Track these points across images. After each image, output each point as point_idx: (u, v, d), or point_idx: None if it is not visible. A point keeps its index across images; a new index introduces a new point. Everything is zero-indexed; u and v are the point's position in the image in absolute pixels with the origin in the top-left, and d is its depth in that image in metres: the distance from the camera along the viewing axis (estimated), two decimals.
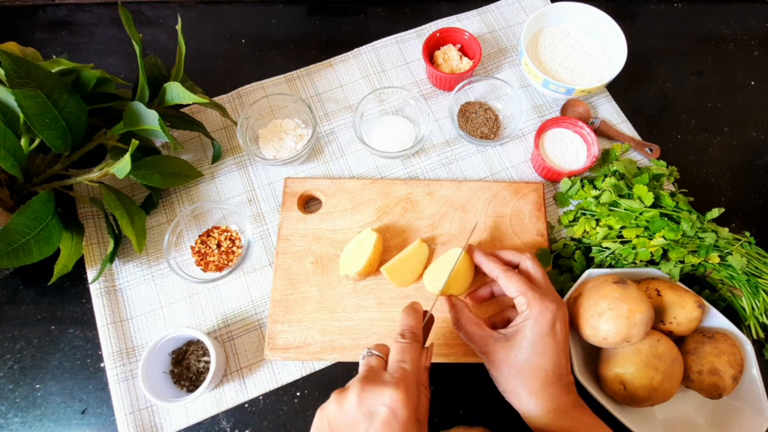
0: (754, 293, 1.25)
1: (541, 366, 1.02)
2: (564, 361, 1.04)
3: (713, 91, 1.66)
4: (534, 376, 1.02)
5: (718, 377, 1.14)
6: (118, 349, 1.29)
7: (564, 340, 1.05)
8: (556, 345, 1.03)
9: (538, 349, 1.03)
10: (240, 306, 1.35)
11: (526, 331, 1.05)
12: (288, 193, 1.42)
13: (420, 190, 1.43)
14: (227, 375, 1.28)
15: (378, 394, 0.85)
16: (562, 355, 1.04)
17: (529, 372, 1.03)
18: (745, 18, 1.78)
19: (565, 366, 1.05)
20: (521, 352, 1.04)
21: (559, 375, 1.03)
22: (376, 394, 0.86)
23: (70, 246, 1.26)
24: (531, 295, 1.06)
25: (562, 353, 1.04)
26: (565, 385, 1.03)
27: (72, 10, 1.73)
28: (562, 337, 1.04)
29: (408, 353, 0.94)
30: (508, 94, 1.55)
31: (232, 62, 1.67)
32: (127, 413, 1.24)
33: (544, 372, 1.02)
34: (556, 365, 1.03)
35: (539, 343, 1.03)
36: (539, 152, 1.42)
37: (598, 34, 1.61)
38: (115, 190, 1.29)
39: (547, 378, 1.02)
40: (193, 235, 1.40)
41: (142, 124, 1.23)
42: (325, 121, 1.56)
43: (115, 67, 1.65)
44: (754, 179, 1.54)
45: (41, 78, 1.11)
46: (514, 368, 1.05)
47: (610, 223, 1.30)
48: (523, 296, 1.07)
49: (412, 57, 1.66)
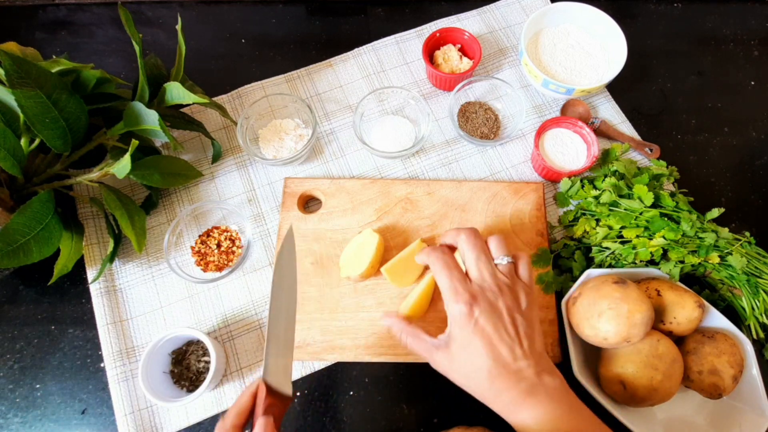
0: (754, 293, 1.25)
1: (480, 365, 0.97)
2: (505, 350, 0.97)
3: (713, 91, 1.66)
4: (478, 376, 0.98)
5: (718, 377, 1.14)
6: (118, 349, 1.29)
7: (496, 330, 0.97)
8: (486, 338, 0.97)
9: (470, 350, 0.98)
10: (240, 306, 1.35)
11: (455, 334, 1.00)
12: (288, 193, 1.43)
13: (420, 190, 1.44)
14: (227, 375, 1.29)
15: None
16: (500, 344, 0.97)
17: (473, 374, 0.99)
18: (745, 18, 1.79)
19: (509, 354, 0.97)
20: (459, 356, 1.00)
21: (502, 366, 0.96)
22: None
23: (70, 246, 1.26)
24: (448, 293, 1.02)
25: (501, 342, 0.97)
26: (512, 374, 0.96)
27: (72, 10, 1.73)
28: (491, 328, 0.97)
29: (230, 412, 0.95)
30: (508, 94, 1.55)
31: (232, 62, 1.67)
32: (127, 413, 1.24)
33: (485, 369, 0.96)
34: (495, 359, 0.96)
35: (469, 343, 0.98)
36: (539, 152, 1.42)
37: (598, 34, 1.61)
38: (115, 190, 1.29)
39: (490, 374, 0.96)
40: (193, 235, 1.40)
41: (142, 124, 1.23)
42: (325, 121, 1.57)
43: (115, 67, 1.65)
44: (754, 179, 1.54)
45: (41, 78, 1.11)
46: (460, 374, 1.01)
47: (610, 223, 1.30)
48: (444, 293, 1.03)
49: (412, 57, 1.67)
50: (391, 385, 1.30)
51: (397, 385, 1.30)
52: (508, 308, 1.01)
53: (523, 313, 1.03)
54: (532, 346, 1.01)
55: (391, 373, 1.30)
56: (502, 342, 0.97)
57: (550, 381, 0.98)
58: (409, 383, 1.30)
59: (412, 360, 1.27)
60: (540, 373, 0.98)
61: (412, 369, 1.30)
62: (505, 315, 1.00)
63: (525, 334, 1.01)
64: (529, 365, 0.98)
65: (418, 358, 1.27)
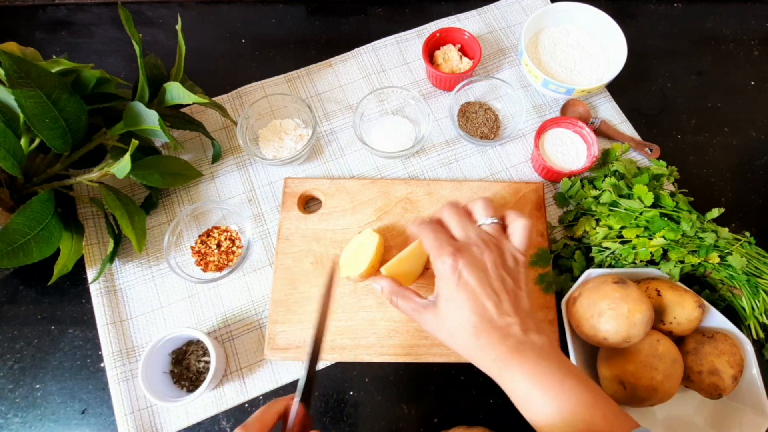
0: (754, 293, 1.25)
1: (465, 320, 0.96)
2: (490, 304, 0.96)
3: (713, 91, 1.66)
4: (464, 332, 0.97)
5: (718, 377, 1.15)
6: (118, 349, 1.29)
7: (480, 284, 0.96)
8: (471, 293, 0.96)
9: (456, 305, 0.97)
10: (240, 306, 1.35)
11: (441, 290, 1.00)
12: (288, 193, 1.43)
13: (420, 190, 1.44)
14: (227, 375, 1.29)
15: None
16: (485, 299, 0.96)
17: (459, 329, 0.98)
18: (745, 18, 1.79)
19: (494, 308, 0.96)
20: (445, 312, 0.99)
21: (488, 321, 0.95)
22: None
23: (70, 246, 1.26)
24: (433, 251, 1.02)
25: (486, 297, 0.96)
26: (498, 329, 0.95)
27: (72, 10, 1.73)
28: (476, 282, 0.96)
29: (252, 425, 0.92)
30: (508, 94, 1.55)
31: (232, 62, 1.67)
32: (127, 413, 1.24)
33: (471, 324, 0.95)
34: (481, 314, 0.95)
35: (454, 298, 0.97)
36: (539, 152, 1.42)
37: (598, 34, 1.61)
38: (115, 190, 1.29)
39: (476, 329, 0.95)
40: (193, 235, 1.40)
41: (142, 124, 1.23)
42: (325, 121, 1.57)
43: (115, 67, 1.65)
44: (754, 179, 1.54)
45: (41, 78, 1.11)
46: (447, 331, 1.00)
47: (610, 223, 1.30)
48: (430, 252, 1.03)
49: (412, 57, 1.67)
50: (391, 385, 1.30)
51: (397, 385, 1.30)
52: (494, 263, 1.00)
53: (510, 270, 1.02)
54: (518, 303, 1.00)
55: (391, 373, 1.30)
56: (486, 297, 0.97)
57: (537, 338, 0.97)
58: (409, 383, 1.30)
59: (412, 360, 1.28)
60: (527, 330, 0.97)
61: (412, 369, 1.30)
62: (490, 270, 0.99)
63: (511, 291, 1.00)
64: (515, 322, 0.97)
65: (417, 358, 1.28)
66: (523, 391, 0.93)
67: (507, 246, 1.05)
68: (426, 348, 1.29)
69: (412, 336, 1.29)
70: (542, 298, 1.34)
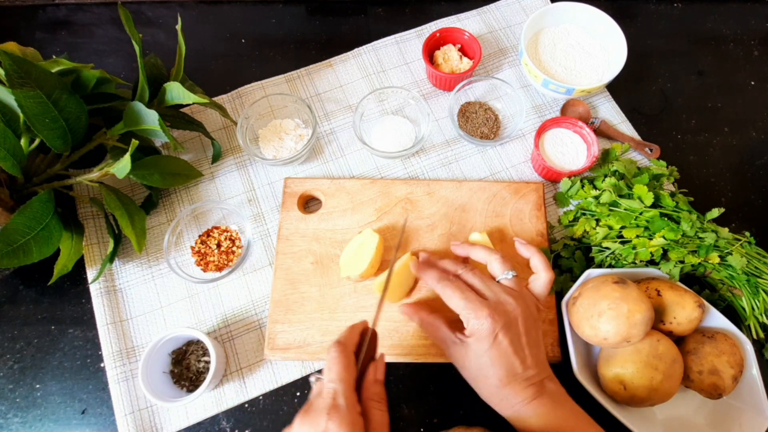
0: (754, 293, 1.25)
1: (492, 374, 1.03)
2: (518, 361, 1.03)
3: (713, 91, 1.66)
4: (488, 383, 1.05)
5: (718, 377, 1.15)
6: (118, 349, 1.29)
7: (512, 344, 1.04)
8: (503, 352, 1.03)
9: (485, 362, 1.04)
10: (240, 306, 1.35)
11: (472, 346, 1.06)
12: (288, 193, 1.43)
13: (420, 190, 1.44)
14: (227, 375, 1.29)
15: (313, 422, 0.90)
16: (513, 357, 1.03)
17: (483, 379, 1.05)
18: (745, 18, 1.79)
19: (520, 365, 1.03)
20: (472, 362, 1.06)
21: (513, 375, 1.03)
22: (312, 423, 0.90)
23: (70, 246, 1.27)
24: (466, 311, 1.07)
25: (514, 355, 1.03)
26: (521, 381, 1.03)
27: (72, 10, 1.74)
28: (508, 343, 1.03)
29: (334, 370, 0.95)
30: (508, 94, 1.55)
31: (232, 62, 1.68)
32: (127, 413, 1.24)
33: (497, 377, 1.03)
34: (508, 369, 1.03)
35: (485, 356, 1.04)
36: (539, 152, 1.43)
37: (598, 34, 1.61)
38: (115, 190, 1.29)
39: (501, 381, 1.03)
40: (193, 235, 1.41)
41: (142, 124, 1.23)
42: (325, 121, 1.57)
43: (115, 67, 1.65)
44: (755, 179, 1.54)
45: (41, 78, 1.11)
46: (470, 375, 1.08)
47: (610, 223, 1.30)
48: (461, 311, 1.08)
49: (412, 57, 1.67)
50: (390, 385, 1.30)
51: (397, 385, 1.30)
52: (524, 319, 1.07)
53: (534, 322, 1.10)
54: (539, 355, 1.08)
55: (390, 373, 1.30)
56: (516, 355, 1.04)
57: (552, 386, 1.05)
58: (408, 383, 1.30)
59: (411, 360, 1.28)
60: (544, 380, 1.05)
61: (411, 369, 1.30)
62: (521, 327, 1.06)
63: (534, 345, 1.07)
64: (536, 374, 1.04)
65: (417, 358, 1.28)
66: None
67: (529, 298, 1.13)
68: (425, 348, 1.28)
69: (411, 336, 1.29)
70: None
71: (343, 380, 0.95)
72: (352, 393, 0.95)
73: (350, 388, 0.95)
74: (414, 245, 1.39)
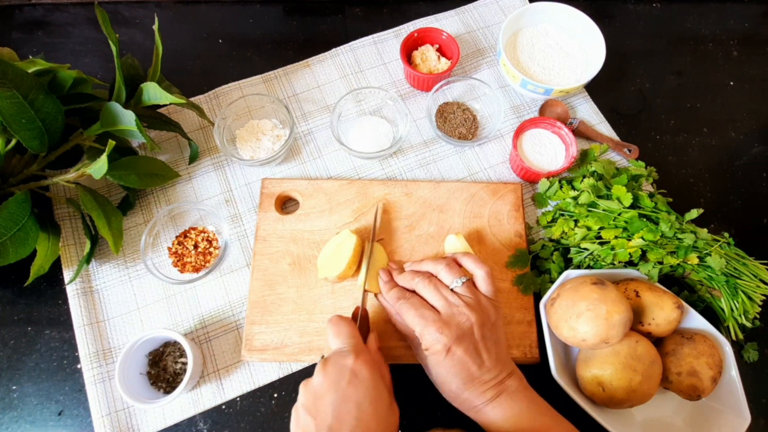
0: (733, 294, 1.28)
1: (450, 382, 1.10)
2: (474, 367, 1.09)
3: (692, 92, 1.70)
4: (449, 388, 1.11)
5: (697, 379, 1.17)
6: (94, 350, 1.31)
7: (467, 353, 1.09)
8: (458, 362, 1.09)
9: (442, 372, 1.11)
10: (217, 307, 1.37)
11: (429, 361, 1.13)
12: (265, 194, 1.45)
13: (398, 190, 1.46)
14: (204, 376, 1.30)
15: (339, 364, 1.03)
16: (469, 364, 1.09)
17: (444, 385, 1.12)
18: (724, 18, 1.83)
19: (477, 369, 1.09)
20: (434, 372, 1.14)
21: (471, 381, 1.08)
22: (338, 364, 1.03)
23: (46, 247, 1.28)
24: (419, 327, 1.13)
25: (470, 362, 1.09)
26: (480, 385, 1.09)
27: (48, 10, 1.75)
28: (462, 353, 1.08)
29: (344, 332, 1.10)
30: (486, 94, 1.58)
31: (209, 62, 1.69)
32: (104, 415, 1.25)
33: (455, 385, 1.09)
34: (466, 376, 1.08)
35: (441, 367, 1.10)
36: (517, 153, 1.45)
37: (577, 34, 1.64)
38: (92, 190, 1.31)
39: (459, 388, 1.09)
40: (170, 236, 1.42)
41: (118, 124, 1.24)
42: (303, 122, 1.59)
43: (92, 68, 1.66)
44: (733, 180, 1.57)
45: (17, 78, 1.13)
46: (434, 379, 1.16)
47: (588, 224, 1.32)
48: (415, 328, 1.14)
49: (390, 57, 1.69)
50: None
51: None
52: (479, 325, 1.12)
53: (491, 325, 1.15)
54: (498, 356, 1.14)
55: None
56: (473, 362, 1.10)
57: (513, 383, 1.11)
58: None
59: (389, 362, 1.26)
60: (503, 380, 1.11)
61: (390, 371, 1.31)
62: (476, 335, 1.12)
63: (492, 347, 1.13)
64: (495, 375, 1.10)
65: (395, 359, 1.30)
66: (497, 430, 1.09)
67: (483, 300, 1.18)
68: (404, 350, 1.30)
69: (389, 338, 1.31)
70: (520, 299, 1.36)
71: (356, 336, 1.10)
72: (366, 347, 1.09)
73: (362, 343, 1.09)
74: (392, 246, 1.41)
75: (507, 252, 1.40)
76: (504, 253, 1.40)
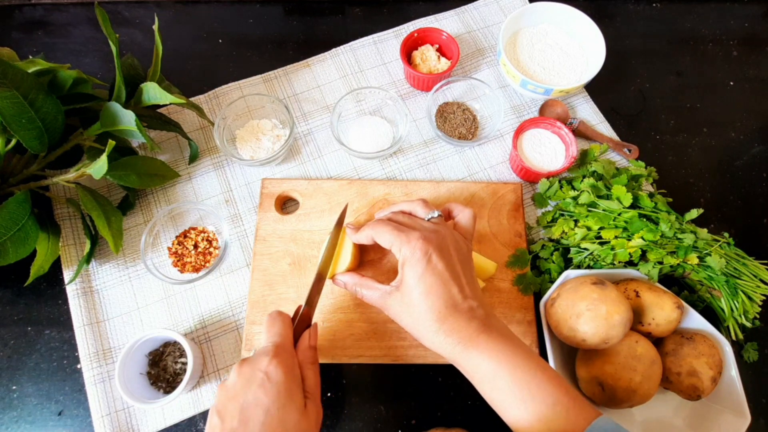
0: (733, 294, 1.28)
1: (431, 304, 1.02)
2: (455, 289, 1.03)
3: (692, 92, 1.70)
4: (429, 316, 1.02)
5: (697, 378, 1.17)
6: (94, 350, 1.31)
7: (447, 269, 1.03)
8: (439, 277, 1.02)
9: (423, 290, 1.02)
10: (217, 307, 1.37)
11: (407, 277, 1.04)
12: (265, 194, 1.45)
13: (398, 190, 1.46)
14: (204, 376, 1.31)
15: (254, 364, 1.00)
16: (451, 284, 1.03)
17: (424, 314, 1.03)
18: (724, 18, 1.83)
19: (458, 293, 1.03)
20: (410, 297, 1.04)
21: (453, 306, 1.02)
22: (253, 364, 1.00)
23: (46, 247, 1.28)
24: (398, 240, 1.07)
25: (451, 282, 1.03)
26: (464, 312, 1.02)
27: (48, 10, 1.75)
28: (443, 267, 1.03)
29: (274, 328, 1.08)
30: (486, 94, 1.58)
31: (209, 62, 1.69)
32: (104, 415, 1.26)
33: (437, 308, 1.01)
34: (447, 298, 1.02)
35: (421, 283, 1.02)
36: (517, 153, 1.45)
37: (577, 35, 1.65)
38: (92, 190, 1.31)
39: (441, 313, 1.01)
40: (170, 236, 1.43)
41: (118, 124, 1.25)
42: (303, 122, 1.59)
43: (92, 68, 1.66)
44: (733, 180, 1.57)
45: (17, 78, 1.13)
46: (411, 316, 1.05)
47: (588, 224, 1.33)
48: (393, 243, 1.08)
49: (390, 57, 1.70)
50: (368, 387, 1.32)
51: (375, 386, 1.33)
52: (455, 249, 1.08)
53: (467, 258, 1.11)
54: (477, 290, 1.08)
55: (368, 375, 1.33)
56: (452, 281, 1.03)
57: (497, 323, 1.05)
58: (386, 385, 1.33)
59: (389, 362, 1.30)
60: (488, 314, 1.05)
61: (389, 371, 1.33)
62: (453, 254, 1.07)
63: (469, 275, 1.08)
64: (477, 305, 1.04)
65: (395, 359, 1.30)
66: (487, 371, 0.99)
67: (458, 234, 1.13)
68: (404, 350, 1.31)
69: (389, 338, 1.31)
70: (520, 299, 1.36)
71: (282, 335, 1.06)
72: (291, 347, 1.06)
73: (289, 342, 1.06)
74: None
75: (507, 252, 1.40)
76: (504, 253, 1.40)
